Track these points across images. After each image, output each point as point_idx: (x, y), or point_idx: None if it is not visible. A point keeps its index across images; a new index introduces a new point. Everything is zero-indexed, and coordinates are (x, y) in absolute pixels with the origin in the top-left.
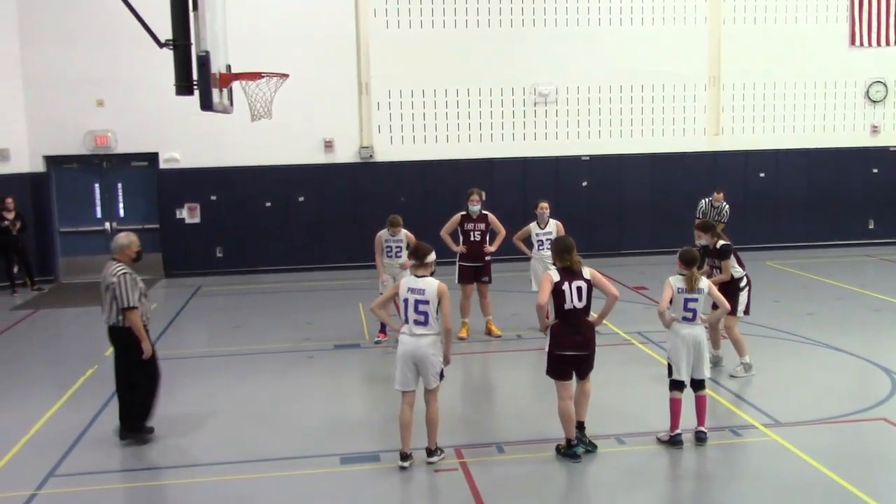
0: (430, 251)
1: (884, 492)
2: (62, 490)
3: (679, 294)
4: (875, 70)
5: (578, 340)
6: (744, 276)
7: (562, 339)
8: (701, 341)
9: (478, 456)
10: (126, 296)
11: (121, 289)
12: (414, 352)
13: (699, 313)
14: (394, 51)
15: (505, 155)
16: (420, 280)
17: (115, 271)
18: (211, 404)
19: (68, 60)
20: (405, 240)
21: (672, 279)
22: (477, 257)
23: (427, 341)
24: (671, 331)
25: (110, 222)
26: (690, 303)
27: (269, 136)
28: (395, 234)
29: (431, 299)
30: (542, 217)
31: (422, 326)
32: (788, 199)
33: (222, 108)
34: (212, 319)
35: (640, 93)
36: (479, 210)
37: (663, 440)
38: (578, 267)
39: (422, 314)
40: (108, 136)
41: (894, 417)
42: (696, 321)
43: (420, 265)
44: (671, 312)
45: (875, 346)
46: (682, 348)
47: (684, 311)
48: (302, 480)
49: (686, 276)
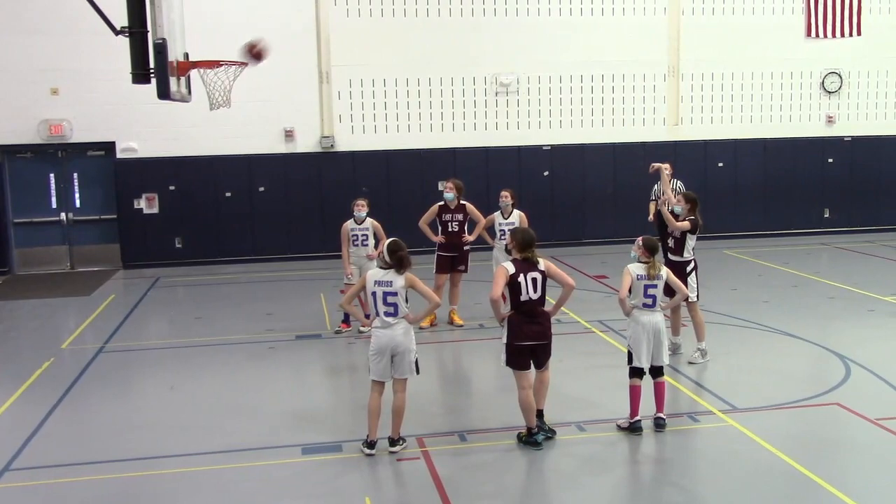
0: (405, 251)
1: (837, 475)
2: (18, 484)
3: (639, 281)
4: (830, 61)
5: (536, 330)
6: (692, 261)
7: (519, 330)
8: (660, 329)
9: (440, 444)
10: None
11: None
12: (390, 342)
13: (658, 300)
14: (355, 40)
15: (467, 144)
16: (387, 272)
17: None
18: (171, 396)
19: (21, 48)
20: (371, 229)
21: (631, 266)
22: (455, 247)
23: (401, 329)
24: (631, 318)
25: (66, 213)
26: (650, 289)
27: (229, 126)
28: (357, 209)
29: (399, 290)
30: (505, 207)
31: (392, 317)
32: (746, 188)
33: (180, 96)
34: (171, 311)
35: (601, 83)
36: (456, 199)
37: (623, 427)
38: (535, 258)
39: (391, 305)
40: (63, 125)
41: (848, 402)
42: (656, 308)
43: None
44: (631, 300)
45: (829, 332)
46: (642, 335)
47: (644, 298)
48: (263, 471)
49: (647, 264)
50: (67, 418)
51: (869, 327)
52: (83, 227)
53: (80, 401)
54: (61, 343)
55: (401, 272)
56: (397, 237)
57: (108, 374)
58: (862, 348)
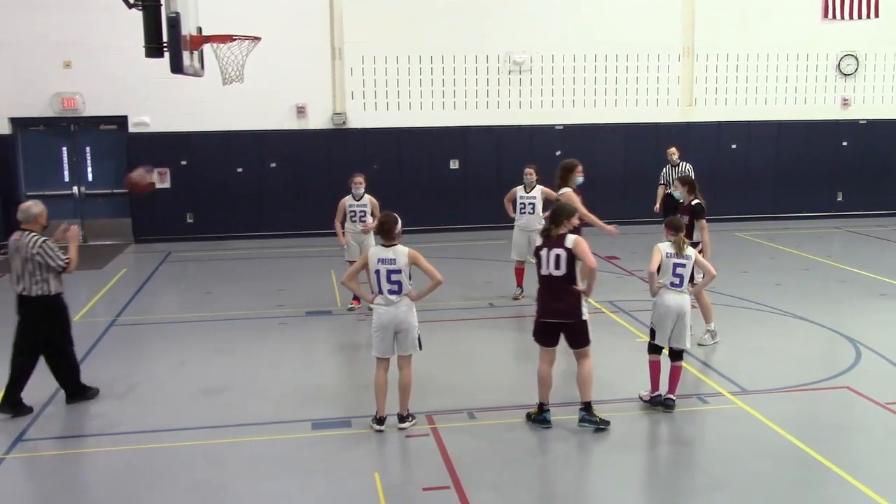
0: (396, 224)
1: (846, 458)
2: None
3: (668, 259)
4: (847, 43)
5: (558, 308)
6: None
7: (542, 306)
8: (685, 311)
9: (449, 422)
10: (57, 260)
11: (47, 255)
12: (393, 320)
13: (685, 281)
14: (368, 16)
15: (479, 123)
16: (389, 249)
17: (33, 241)
18: (182, 370)
19: (35, 21)
20: (369, 205)
21: (661, 245)
22: None
23: (404, 307)
24: (658, 297)
25: (78, 186)
26: (679, 268)
27: (241, 101)
28: (355, 187)
29: (403, 267)
30: (528, 182)
31: (396, 295)
32: (759, 170)
33: (193, 71)
34: (182, 285)
35: (615, 63)
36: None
37: (644, 399)
38: (559, 235)
39: (395, 283)
40: (75, 98)
41: (857, 386)
42: (683, 288)
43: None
44: (659, 279)
45: (840, 315)
46: (666, 316)
47: (672, 277)
48: (273, 445)
49: (674, 241)
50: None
51: (880, 311)
52: (95, 200)
53: (91, 373)
54: (73, 316)
55: (389, 244)
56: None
57: (119, 346)
58: (872, 332)
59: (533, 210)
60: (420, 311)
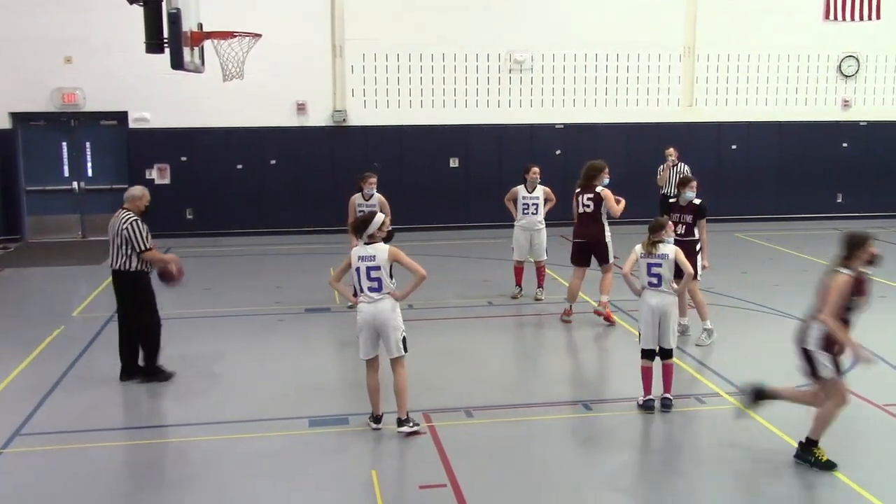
0: (370, 220)
1: (843, 459)
2: (29, 449)
3: (642, 259)
4: (848, 45)
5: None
6: (699, 241)
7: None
8: (668, 311)
9: (446, 420)
10: (139, 240)
11: (132, 234)
12: (374, 318)
13: (664, 279)
14: (369, 14)
15: (480, 121)
16: (369, 247)
17: (125, 218)
18: (180, 366)
19: (35, 16)
20: (378, 204)
21: (637, 246)
22: None
23: (386, 305)
24: (641, 299)
25: (78, 181)
26: (654, 268)
27: (241, 98)
28: (368, 187)
29: (383, 264)
30: (532, 182)
31: (377, 292)
32: (759, 171)
33: (193, 67)
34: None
35: (616, 62)
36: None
37: (639, 405)
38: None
39: (374, 280)
40: (76, 93)
41: (855, 387)
42: (663, 287)
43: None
44: (638, 280)
45: None
46: (648, 317)
47: (648, 277)
48: (270, 442)
49: (644, 242)
50: (77, 385)
51: (879, 313)
52: (95, 195)
53: (90, 368)
54: (72, 311)
55: (363, 238)
56: (400, 212)
57: (118, 342)
58: (871, 333)
59: (536, 210)
60: (418, 309)
